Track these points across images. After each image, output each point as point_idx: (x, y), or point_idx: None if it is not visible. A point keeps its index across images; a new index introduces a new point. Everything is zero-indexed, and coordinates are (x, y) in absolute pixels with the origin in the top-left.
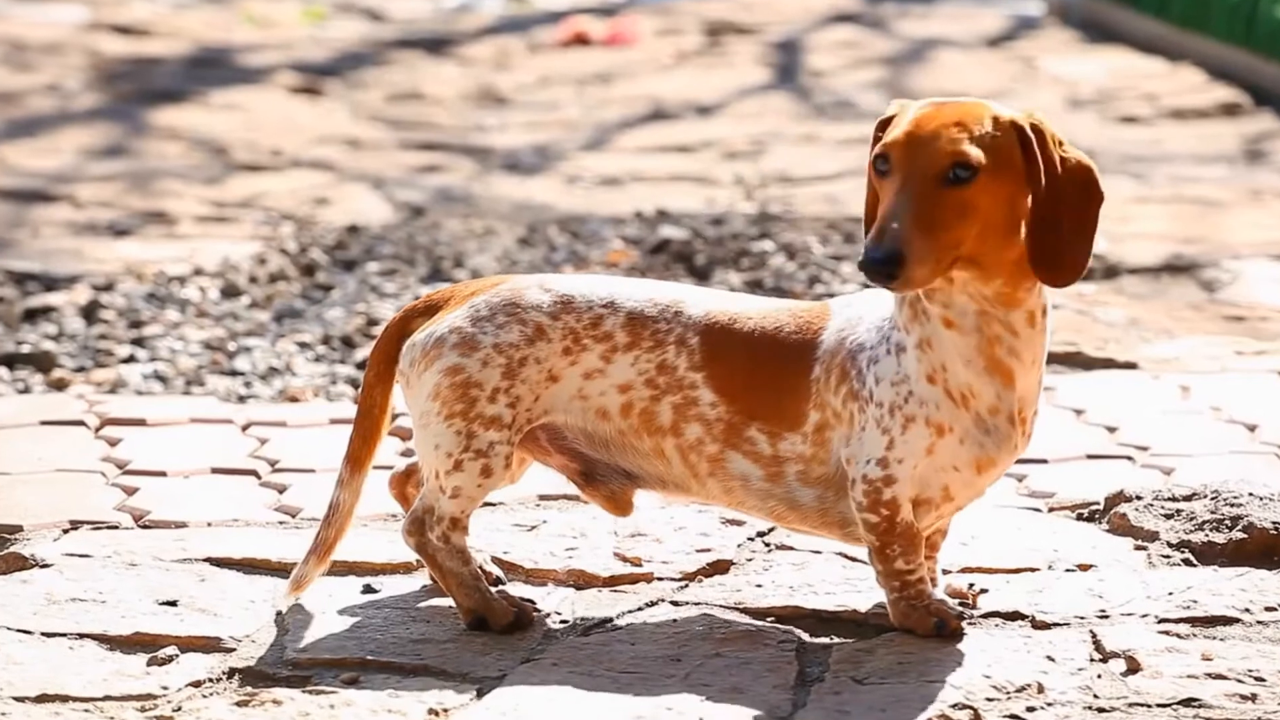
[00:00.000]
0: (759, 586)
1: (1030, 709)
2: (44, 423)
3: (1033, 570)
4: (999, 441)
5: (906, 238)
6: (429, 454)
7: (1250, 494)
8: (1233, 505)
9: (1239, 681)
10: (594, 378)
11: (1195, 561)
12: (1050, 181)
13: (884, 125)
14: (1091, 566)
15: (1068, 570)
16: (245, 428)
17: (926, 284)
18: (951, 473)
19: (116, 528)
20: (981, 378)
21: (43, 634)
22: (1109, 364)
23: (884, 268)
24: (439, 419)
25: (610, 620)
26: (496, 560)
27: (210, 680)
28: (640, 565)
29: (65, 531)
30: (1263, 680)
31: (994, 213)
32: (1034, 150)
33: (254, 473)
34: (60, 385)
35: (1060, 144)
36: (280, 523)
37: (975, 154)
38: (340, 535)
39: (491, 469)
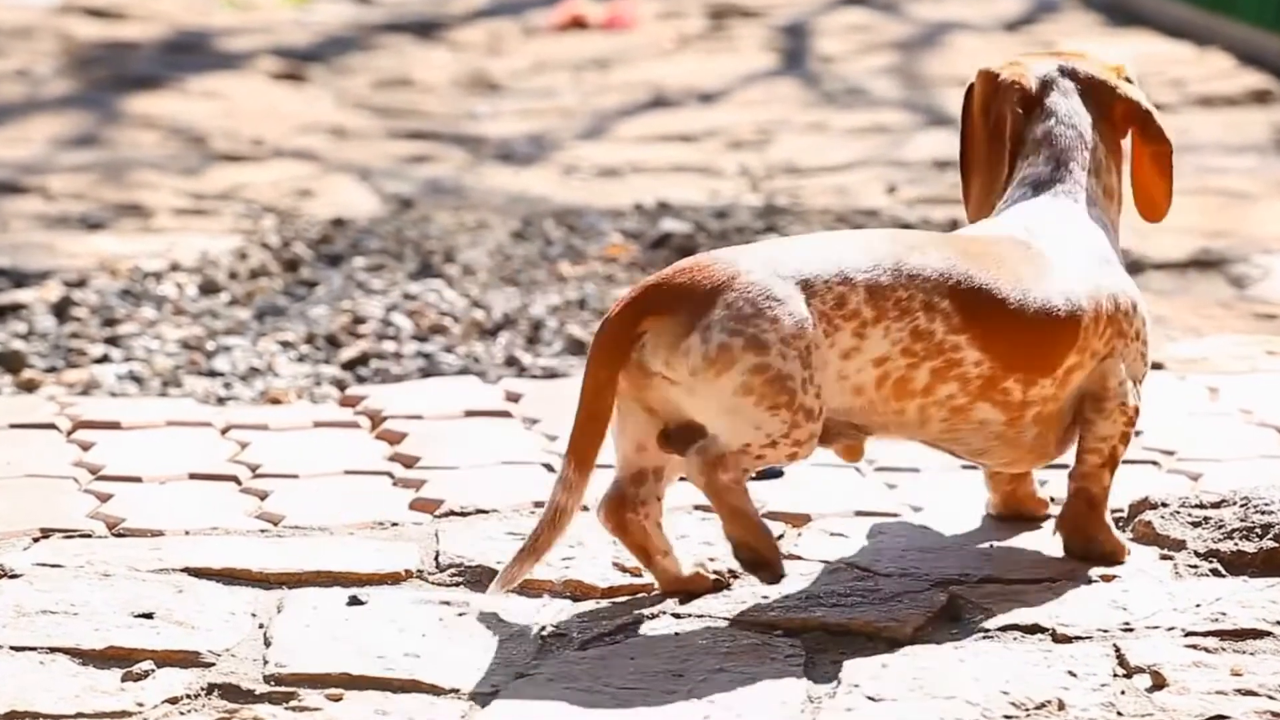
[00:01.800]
0: (765, 597)
1: None
2: (13, 426)
3: (1053, 581)
4: None
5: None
6: (746, 430)
7: None
8: (1263, 513)
9: (1270, 698)
10: (851, 356)
11: (1224, 572)
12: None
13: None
14: (1115, 577)
15: (1089, 581)
16: (225, 431)
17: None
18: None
19: (89, 536)
20: None
21: (11, 648)
22: None
23: None
24: (760, 409)
25: (609, 633)
26: (488, 569)
27: (188, 696)
28: (640, 575)
29: (35, 540)
30: None
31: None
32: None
33: (234, 478)
34: (30, 386)
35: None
36: (261, 531)
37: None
38: (560, 539)
39: (798, 457)
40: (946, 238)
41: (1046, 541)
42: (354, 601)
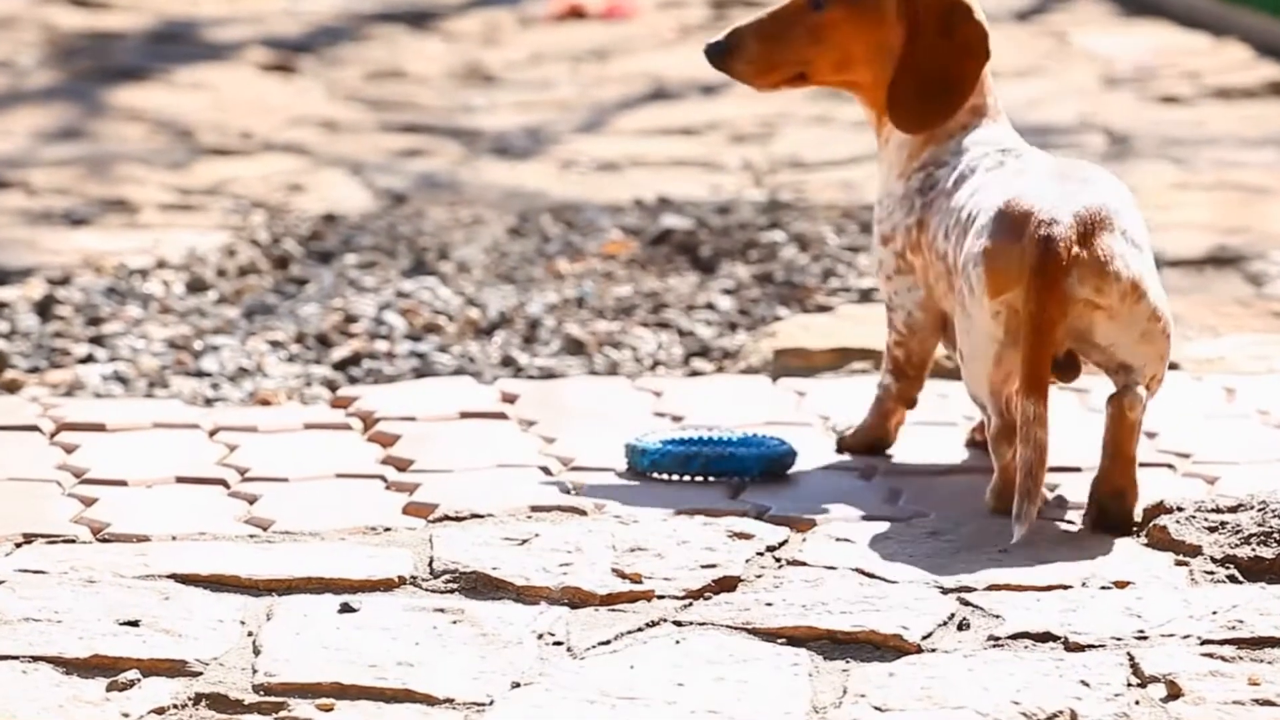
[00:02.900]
0: (769, 605)
1: None
2: None
3: (1065, 588)
4: None
5: (743, 36)
6: (1156, 360)
7: None
8: None
9: None
10: None
11: (1241, 578)
12: (914, 26)
13: None
14: (1129, 584)
15: (1103, 588)
16: (213, 433)
17: (751, 81)
18: None
19: (73, 541)
20: None
21: None
22: None
23: (712, 48)
24: (1165, 339)
25: (607, 642)
26: (483, 575)
27: (175, 706)
28: (640, 582)
29: (18, 546)
30: None
31: (845, 43)
32: None
33: (222, 482)
34: (12, 387)
35: None
36: (251, 536)
37: None
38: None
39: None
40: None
41: (1058, 547)
42: (345, 609)
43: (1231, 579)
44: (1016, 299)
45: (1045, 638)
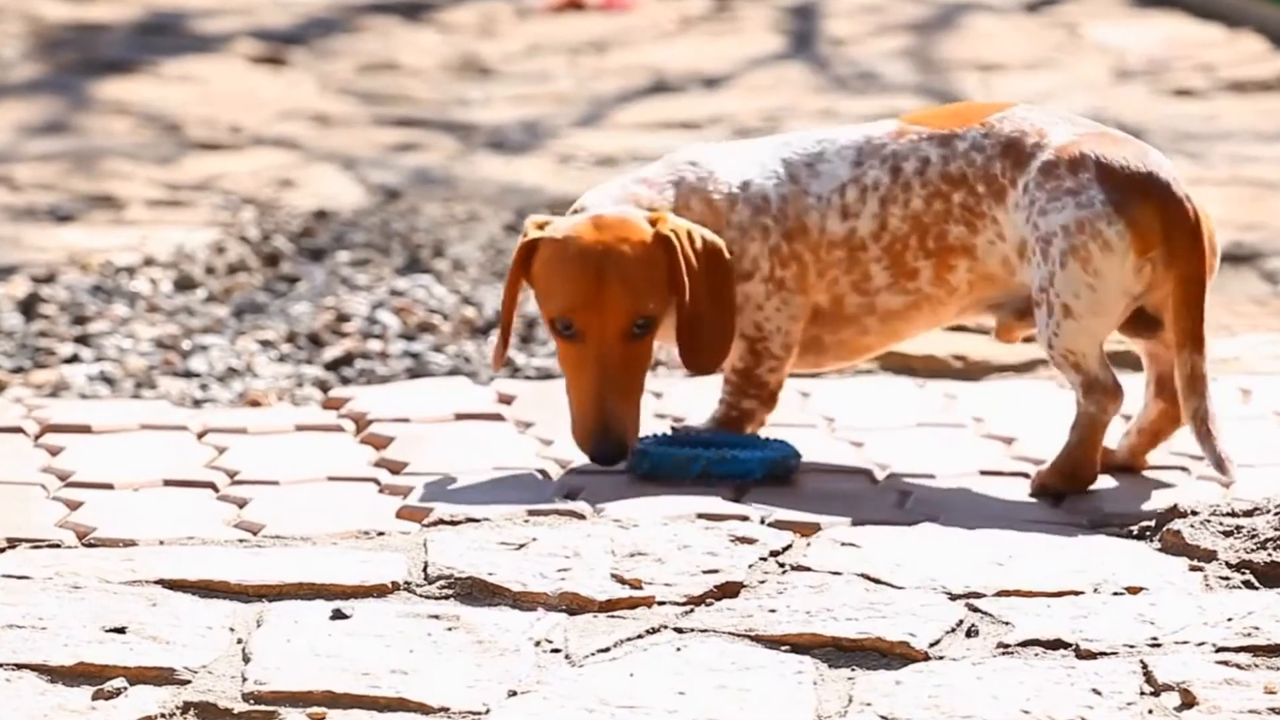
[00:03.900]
0: (772, 611)
1: None
2: None
3: (1076, 593)
4: None
5: (625, 420)
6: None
7: None
8: None
9: None
10: None
11: (1257, 584)
12: (692, 282)
13: (532, 242)
14: (1142, 589)
15: (1115, 594)
16: (201, 435)
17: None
18: None
19: (58, 546)
20: None
21: None
22: None
23: (617, 457)
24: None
25: (607, 649)
26: (479, 581)
27: (162, 715)
28: (640, 588)
29: (1, 551)
30: None
31: (654, 343)
32: (678, 259)
33: (211, 485)
34: None
35: (690, 235)
36: (240, 540)
37: (651, 306)
38: None
39: None
40: None
41: (1068, 552)
42: (338, 615)
43: (1247, 585)
44: (1158, 255)
45: (1056, 645)
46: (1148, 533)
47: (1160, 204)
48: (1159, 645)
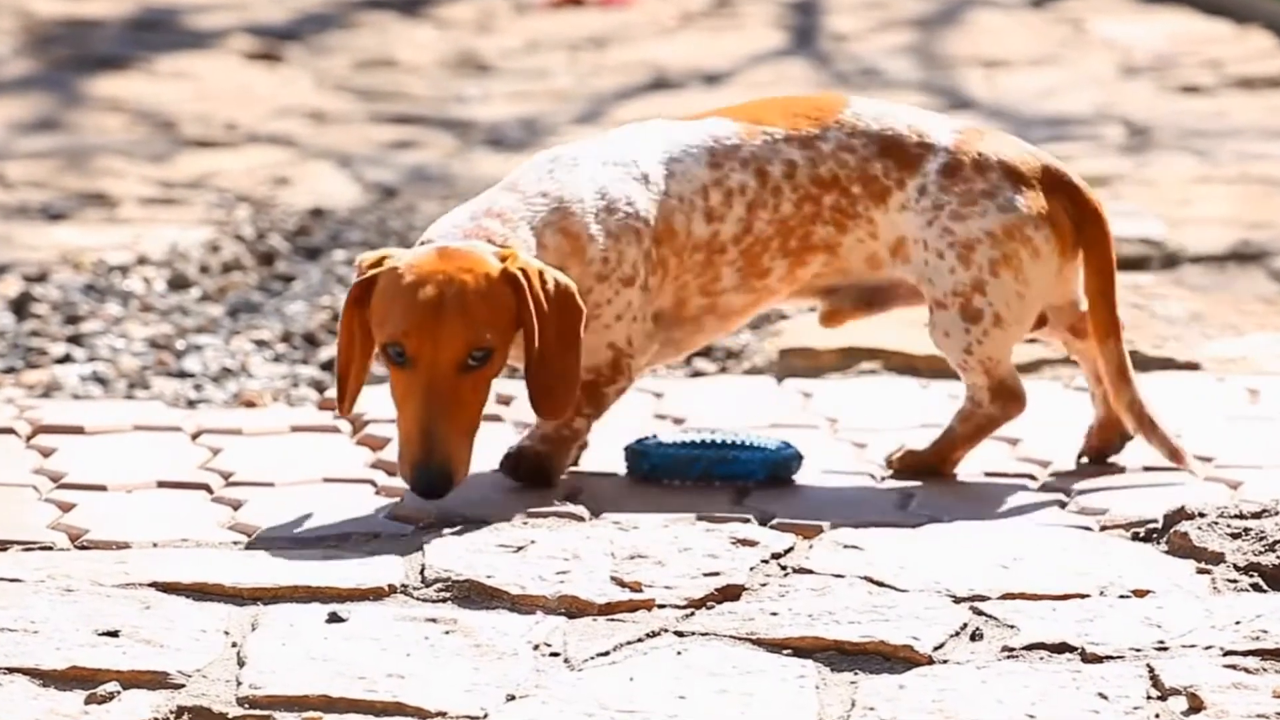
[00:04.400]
0: (774, 615)
1: None
2: None
3: (1082, 597)
4: None
5: (453, 449)
6: None
7: None
8: None
9: None
10: None
11: (1265, 587)
12: (541, 324)
13: (368, 279)
14: (1149, 592)
15: (1122, 597)
16: (195, 436)
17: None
18: None
19: (50, 549)
20: None
21: None
22: (1168, 364)
23: (442, 491)
24: None
25: (606, 653)
26: (477, 584)
27: None
28: (640, 591)
29: None
30: None
31: (493, 377)
32: (526, 299)
33: (205, 486)
34: None
35: (541, 276)
36: (234, 543)
37: (489, 337)
38: None
39: None
40: None
41: (1074, 554)
42: (333, 618)
43: (1255, 587)
44: (1071, 253)
45: (1061, 648)
46: (1154, 535)
47: (1068, 197)
48: (1166, 649)
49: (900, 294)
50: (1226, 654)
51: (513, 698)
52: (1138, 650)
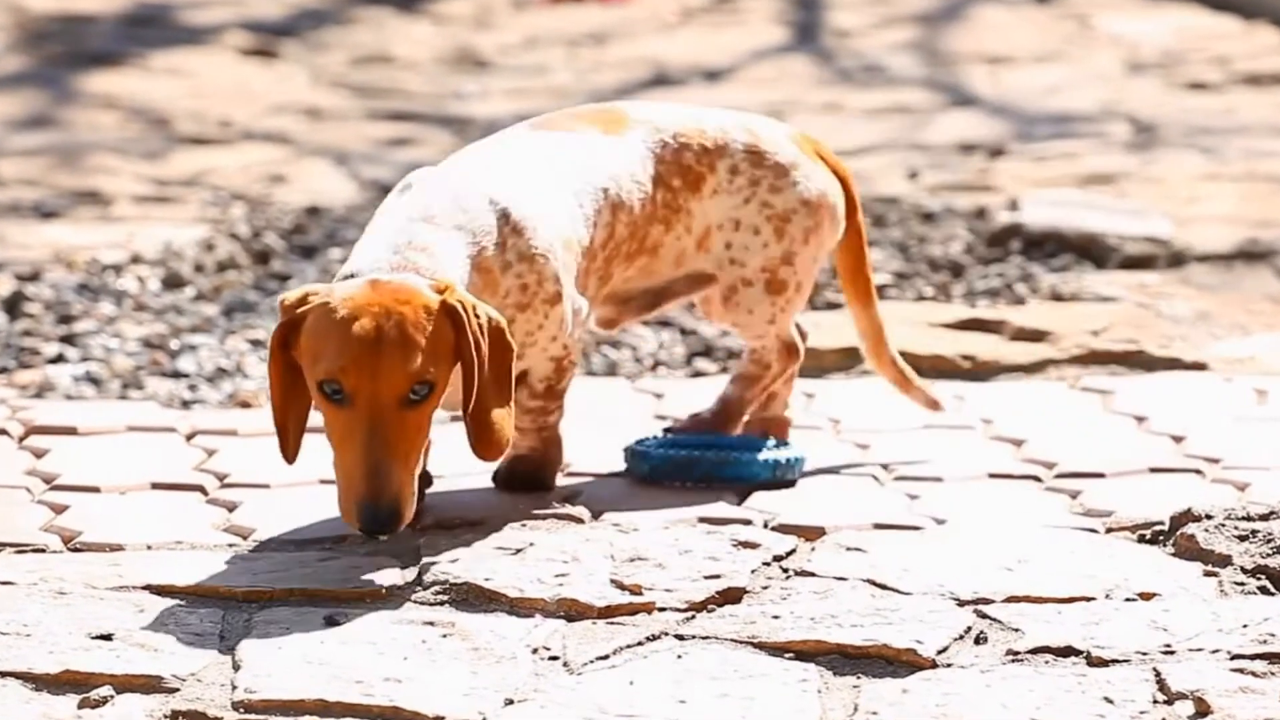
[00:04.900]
0: (776, 618)
1: None
2: None
3: (1088, 599)
4: None
5: (401, 486)
6: None
7: None
8: None
9: None
10: None
11: (1273, 589)
12: (480, 359)
13: (294, 318)
14: (1155, 595)
15: (1128, 599)
16: (190, 437)
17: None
18: None
19: (43, 551)
20: None
21: None
22: (1174, 364)
23: (392, 528)
24: None
25: (606, 656)
26: (475, 586)
27: None
28: (640, 594)
29: None
30: None
31: (432, 414)
32: (466, 332)
33: (200, 488)
34: None
35: (475, 310)
36: (230, 545)
37: (431, 371)
38: None
39: None
40: None
41: (1079, 556)
42: (330, 622)
43: (1263, 590)
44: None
45: (1067, 652)
46: (1161, 537)
47: (840, 173)
48: (1172, 652)
49: (677, 291)
50: (1234, 657)
51: (511, 702)
52: (1144, 654)
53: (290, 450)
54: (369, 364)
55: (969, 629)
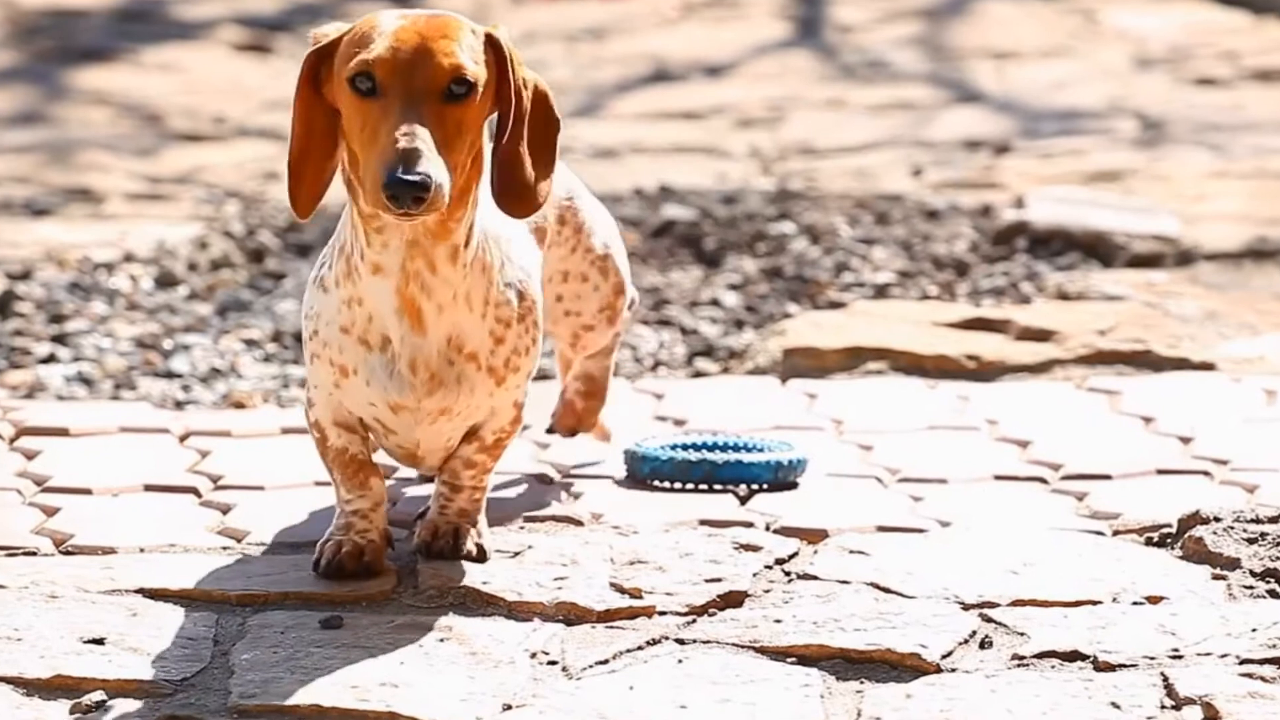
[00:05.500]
0: (778, 622)
1: None
2: None
3: (1095, 603)
4: (400, 387)
5: (435, 163)
6: None
7: None
8: None
9: None
10: None
11: None
12: (520, 103)
13: (327, 45)
14: (1163, 599)
15: (1135, 603)
16: (183, 438)
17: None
18: (370, 408)
19: (34, 554)
20: (393, 319)
21: None
22: (1182, 365)
23: (421, 191)
24: None
25: (605, 661)
26: (472, 590)
27: None
28: (640, 597)
29: None
30: None
31: (476, 134)
32: (507, 68)
33: (193, 490)
34: None
35: (520, 63)
36: (224, 548)
37: (473, 69)
38: None
39: None
40: None
41: (1086, 559)
42: (326, 625)
43: (1272, 594)
44: None
45: (1073, 657)
46: (1168, 540)
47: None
48: (1180, 657)
49: None
50: (1242, 662)
51: (509, 707)
52: (1151, 658)
53: (301, 200)
54: (406, 60)
55: (974, 633)
